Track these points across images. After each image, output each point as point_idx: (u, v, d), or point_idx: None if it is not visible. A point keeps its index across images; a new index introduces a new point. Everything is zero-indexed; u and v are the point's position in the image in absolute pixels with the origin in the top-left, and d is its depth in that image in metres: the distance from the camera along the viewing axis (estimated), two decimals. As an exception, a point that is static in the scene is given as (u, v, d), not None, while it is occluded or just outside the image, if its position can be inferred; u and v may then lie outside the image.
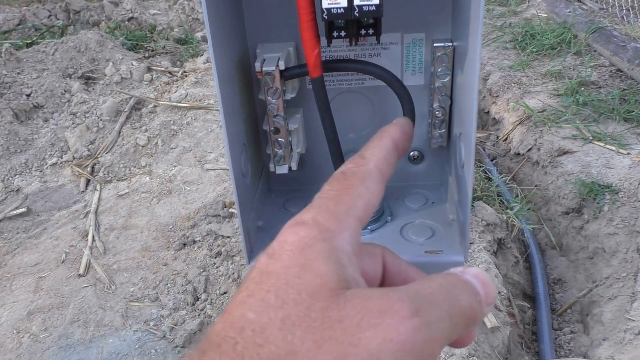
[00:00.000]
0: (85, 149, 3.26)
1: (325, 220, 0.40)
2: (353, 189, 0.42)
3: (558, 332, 2.34)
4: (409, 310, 0.36)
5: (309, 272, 0.37)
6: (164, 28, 4.99)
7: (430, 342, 0.36)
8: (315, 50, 0.56)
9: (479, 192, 2.66)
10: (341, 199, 0.42)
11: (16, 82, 3.68)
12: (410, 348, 0.35)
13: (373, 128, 0.71)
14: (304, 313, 0.35)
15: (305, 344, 0.34)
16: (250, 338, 0.35)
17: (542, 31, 4.23)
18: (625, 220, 2.38)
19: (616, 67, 3.59)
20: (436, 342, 0.36)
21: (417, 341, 0.35)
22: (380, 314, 0.35)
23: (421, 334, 0.35)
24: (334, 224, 0.40)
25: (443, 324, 0.37)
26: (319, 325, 0.35)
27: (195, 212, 2.70)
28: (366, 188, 0.43)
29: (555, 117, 3.11)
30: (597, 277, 2.38)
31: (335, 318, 0.35)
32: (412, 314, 0.36)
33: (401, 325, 0.35)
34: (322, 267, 0.37)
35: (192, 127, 3.34)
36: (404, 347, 0.34)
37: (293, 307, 0.36)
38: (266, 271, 0.38)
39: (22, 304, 2.33)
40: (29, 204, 2.97)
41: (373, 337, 0.35)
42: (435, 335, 0.36)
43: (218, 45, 0.53)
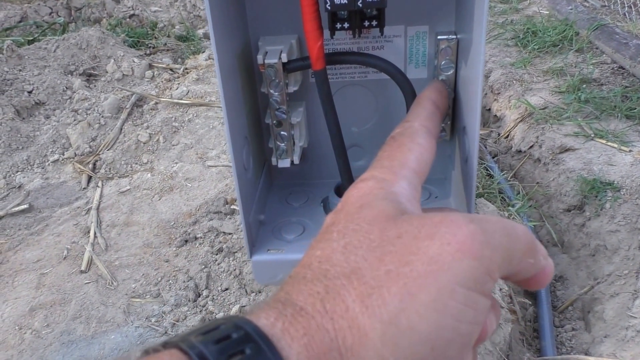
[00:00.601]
0: (87, 146, 3.26)
1: (382, 174, 0.43)
2: (404, 146, 0.45)
3: (559, 329, 2.34)
4: (465, 220, 0.37)
5: (367, 208, 0.40)
6: (166, 25, 4.98)
7: (488, 247, 0.37)
8: (318, 42, 0.56)
9: (481, 189, 2.65)
10: (394, 156, 0.44)
11: (18, 79, 3.68)
12: (469, 248, 0.36)
13: (376, 122, 0.70)
14: (364, 237, 0.38)
15: (368, 260, 0.36)
16: (317, 267, 0.38)
17: (543, 28, 4.22)
18: (627, 218, 2.38)
19: (618, 64, 3.58)
20: (495, 251, 0.37)
21: (475, 243, 0.36)
22: (436, 224, 0.37)
23: (478, 237, 0.36)
24: (390, 175, 0.42)
25: (499, 237, 0.38)
26: (379, 244, 0.37)
27: (197, 208, 2.70)
28: (416, 144, 0.45)
29: (557, 115, 3.10)
30: (598, 275, 2.38)
31: (393, 235, 0.37)
32: (468, 222, 0.37)
33: (458, 230, 0.37)
34: (380, 203, 0.40)
35: (194, 124, 3.34)
36: (462, 247, 0.36)
37: (353, 235, 0.38)
38: (331, 222, 0.41)
39: (24, 300, 2.33)
40: (30, 201, 2.97)
41: (431, 244, 0.36)
42: (493, 242, 0.37)
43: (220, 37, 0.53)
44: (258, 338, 0.34)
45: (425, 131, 0.46)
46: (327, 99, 0.60)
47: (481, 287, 0.36)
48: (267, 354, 0.33)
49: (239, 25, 0.62)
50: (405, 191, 0.42)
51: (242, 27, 0.64)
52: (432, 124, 0.48)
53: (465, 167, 0.58)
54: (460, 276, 0.35)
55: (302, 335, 0.35)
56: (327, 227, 0.40)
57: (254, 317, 0.36)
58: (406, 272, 0.35)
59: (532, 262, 0.41)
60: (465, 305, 0.35)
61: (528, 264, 0.41)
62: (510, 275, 0.41)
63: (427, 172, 0.45)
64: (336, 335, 0.35)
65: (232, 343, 0.34)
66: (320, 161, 0.73)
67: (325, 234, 0.40)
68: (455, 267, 0.35)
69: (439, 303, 0.35)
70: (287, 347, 0.34)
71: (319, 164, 0.73)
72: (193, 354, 0.33)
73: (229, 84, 0.56)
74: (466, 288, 0.35)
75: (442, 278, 0.35)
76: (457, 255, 0.35)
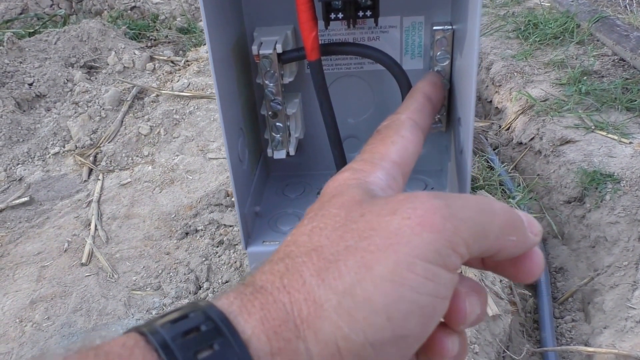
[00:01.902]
0: (88, 138, 3.26)
1: (359, 165, 0.43)
2: (387, 139, 0.45)
3: (559, 321, 2.35)
4: (429, 196, 0.37)
5: (339, 196, 0.40)
6: (167, 17, 4.97)
7: (452, 220, 0.36)
8: (313, 32, 0.56)
9: (481, 181, 2.66)
10: (375, 149, 0.44)
11: (18, 72, 3.68)
12: (429, 222, 0.36)
13: (372, 113, 0.70)
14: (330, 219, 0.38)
15: (330, 238, 0.37)
16: (282, 250, 0.38)
17: (545, 20, 4.21)
18: (627, 209, 2.38)
19: (619, 56, 3.58)
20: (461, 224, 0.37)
21: (436, 217, 0.36)
22: (400, 201, 0.37)
23: (440, 211, 0.36)
24: (368, 167, 0.43)
25: (469, 211, 0.38)
26: (342, 224, 0.38)
27: (198, 201, 2.70)
28: (400, 136, 0.45)
29: (558, 107, 3.10)
30: (598, 266, 2.38)
31: (357, 215, 0.38)
32: (432, 197, 0.37)
33: (420, 205, 0.37)
34: (351, 191, 0.40)
35: (195, 116, 3.34)
36: (422, 221, 0.36)
37: (321, 219, 0.39)
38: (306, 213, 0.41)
39: (25, 292, 2.34)
40: (31, 193, 2.98)
41: (392, 219, 0.37)
42: (460, 216, 0.37)
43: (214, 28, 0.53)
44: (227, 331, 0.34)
45: (412, 124, 0.46)
46: (322, 90, 0.59)
47: (443, 261, 0.36)
48: (235, 350, 0.33)
49: (234, 16, 0.62)
50: (381, 181, 0.42)
51: (238, 18, 0.63)
52: (421, 116, 0.48)
53: (460, 157, 0.58)
54: (420, 249, 0.35)
55: (259, 310, 0.35)
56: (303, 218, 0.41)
57: (218, 302, 0.37)
58: (364, 246, 0.36)
59: (515, 239, 0.41)
60: (424, 277, 0.35)
61: (509, 242, 0.41)
62: (489, 252, 0.41)
63: (411, 163, 0.45)
64: (292, 307, 0.35)
65: (200, 337, 0.34)
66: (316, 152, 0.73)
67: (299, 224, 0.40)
68: (414, 240, 0.35)
69: (397, 275, 0.35)
70: (243, 322, 0.35)
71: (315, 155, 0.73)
72: (154, 340, 0.34)
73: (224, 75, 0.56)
74: (426, 261, 0.35)
75: (401, 251, 0.35)
76: (417, 228, 0.36)
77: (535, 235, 0.43)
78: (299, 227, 0.39)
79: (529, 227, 0.43)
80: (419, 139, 0.46)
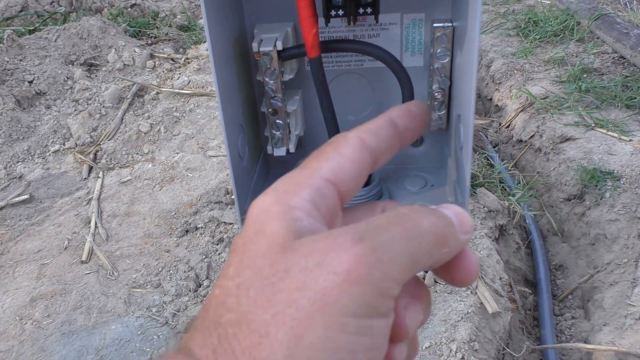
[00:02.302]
0: (88, 136, 3.27)
1: (284, 185, 0.40)
2: (322, 155, 0.42)
3: (559, 318, 2.35)
4: (352, 240, 0.35)
5: (261, 235, 0.37)
6: (167, 15, 4.97)
7: (380, 266, 0.34)
8: (313, 29, 0.56)
9: (481, 178, 2.66)
10: (307, 165, 0.41)
11: (18, 69, 3.68)
12: (355, 275, 0.34)
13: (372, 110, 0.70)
14: (256, 274, 0.36)
15: (258, 302, 0.35)
16: (213, 312, 0.36)
17: (545, 18, 4.21)
18: (626, 207, 2.39)
19: (619, 54, 3.58)
20: (390, 265, 0.35)
21: (363, 267, 0.34)
22: (323, 252, 0.35)
23: (365, 260, 0.34)
24: (292, 186, 0.40)
25: (398, 246, 0.36)
26: (269, 282, 0.35)
27: (198, 198, 2.70)
28: (338, 153, 0.42)
29: (558, 104, 3.10)
30: (598, 263, 2.38)
31: (282, 269, 0.35)
32: (355, 242, 0.35)
33: (344, 255, 0.34)
34: (273, 226, 0.37)
35: (195, 114, 3.34)
36: (349, 276, 0.34)
37: (246, 272, 0.36)
38: (233, 249, 0.39)
39: (25, 290, 2.34)
40: (31, 191, 2.98)
41: (318, 276, 0.34)
42: (387, 257, 0.35)
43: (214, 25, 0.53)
44: None
45: (357, 142, 0.43)
46: (323, 87, 0.59)
47: (375, 311, 0.35)
48: None
49: (234, 13, 0.62)
50: (306, 203, 0.39)
51: (238, 15, 0.63)
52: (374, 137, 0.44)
53: (460, 154, 0.58)
54: (350, 307, 0.34)
55: None
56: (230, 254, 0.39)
57: None
58: (292, 313, 0.34)
59: (447, 250, 0.39)
60: (358, 335, 0.34)
61: (442, 255, 0.39)
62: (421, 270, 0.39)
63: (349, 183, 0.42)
64: None
65: None
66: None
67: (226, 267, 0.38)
68: (342, 298, 0.34)
69: (330, 341, 0.33)
70: None
71: None
72: None
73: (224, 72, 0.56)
74: (357, 317, 0.34)
75: (330, 313, 0.33)
76: (344, 285, 0.34)
77: (466, 234, 0.41)
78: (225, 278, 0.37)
79: (460, 228, 0.41)
80: (363, 159, 0.43)
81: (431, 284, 1.97)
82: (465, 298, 1.92)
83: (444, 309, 1.89)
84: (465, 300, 1.91)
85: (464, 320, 1.84)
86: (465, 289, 1.95)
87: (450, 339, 1.79)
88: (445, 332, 1.82)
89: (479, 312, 1.89)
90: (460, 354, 1.75)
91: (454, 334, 1.80)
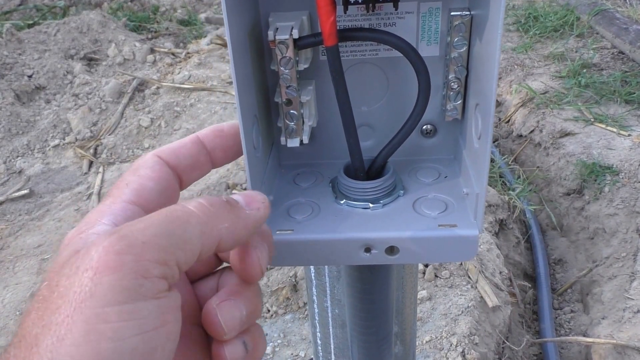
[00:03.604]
0: (88, 131, 3.27)
1: (87, 217, 0.41)
2: (122, 182, 0.44)
3: (558, 312, 2.36)
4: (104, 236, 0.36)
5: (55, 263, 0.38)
6: (167, 9, 4.97)
7: (130, 250, 0.35)
8: (331, 17, 0.56)
9: (481, 173, 2.66)
10: (110, 194, 0.43)
11: (17, 63, 3.68)
12: (103, 265, 0.34)
13: (386, 101, 0.70)
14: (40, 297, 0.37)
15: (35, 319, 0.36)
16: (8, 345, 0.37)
17: (545, 13, 4.21)
18: (625, 201, 2.40)
19: (618, 49, 3.58)
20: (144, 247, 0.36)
21: (109, 256, 0.35)
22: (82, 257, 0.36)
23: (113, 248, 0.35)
24: (95, 216, 0.41)
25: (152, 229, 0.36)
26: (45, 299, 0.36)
27: (198, 193, 2.70)
28: (137, 176, 0.44)
29: (558, 99, 3.11)
30: (597, 257, 2.39)
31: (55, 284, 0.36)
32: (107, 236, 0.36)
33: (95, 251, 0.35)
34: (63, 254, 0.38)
35: (196, 108, 3.34)
36: (98, 267, 0.35)
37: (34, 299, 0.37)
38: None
39: (25, 285, 2.34)
40: (31, 186, 2.98)
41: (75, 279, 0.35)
42: (139, 241, 0.36)
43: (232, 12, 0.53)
44: None
45: (155, 160, 0.45)
46: (339, 76, 0.59)
47: (136, 294, 0.35)
48: None
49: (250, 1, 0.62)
50: (103, 227, 0.40)
51: (253, 3, 0.63)
52: (171, 154, 0.46)
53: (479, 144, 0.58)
54: (107, 296, 0.34)
55: None
56: None
57: None
58: (55, 319, 0.34)
59: (227, 225, 0.40)
60: (122, 321, 0.34)
61: (222, 230, 0.40)
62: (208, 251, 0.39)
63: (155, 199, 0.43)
64: None
65: None
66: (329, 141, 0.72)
67: None
68: (97, 291, 0.34)
69: (91, 334, 0.33)
70: None
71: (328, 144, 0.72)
72: None
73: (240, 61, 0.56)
74: (117, 304, 0.34)
75: (88, 307, 0.33)
76: (95, 278, 0.34)
77: (257, 210, 0.42)
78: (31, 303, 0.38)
79: (247, 205, 0.42)
80: (162, 175, 0.44)
81: (431, 278, 1.98)
82: (466, 292, 1.93)
83: (444, 303, 1.90)
84: (466, 295, 1.92)
85: (464, 314, 1.85)
86: (465, 283, 1.96)
87: (451, 332, 1.80)
88: (445, 326, 1.83)
89: (479, 306, 1.90)
90: (461, 347, 1.76)
91: (455, 328, 1.81)
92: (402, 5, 0.64)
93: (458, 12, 0.61)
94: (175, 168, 0.45)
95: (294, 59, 0.60)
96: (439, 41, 0.66)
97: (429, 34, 0.66)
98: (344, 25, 0.65)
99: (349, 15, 0.65)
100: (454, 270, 2.01)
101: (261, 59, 0.65)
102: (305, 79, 0.67)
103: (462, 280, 1.98)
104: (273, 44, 0.60)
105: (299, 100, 0.63)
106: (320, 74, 0.68)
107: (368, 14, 0.64)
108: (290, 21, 0.61)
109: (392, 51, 0.63)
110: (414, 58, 0.61)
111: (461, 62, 0.62)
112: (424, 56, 0.62)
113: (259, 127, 0.62)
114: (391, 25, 0.65)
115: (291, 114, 0.64)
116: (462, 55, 0.62)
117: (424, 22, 0.65)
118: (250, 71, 0.60)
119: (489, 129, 0.54)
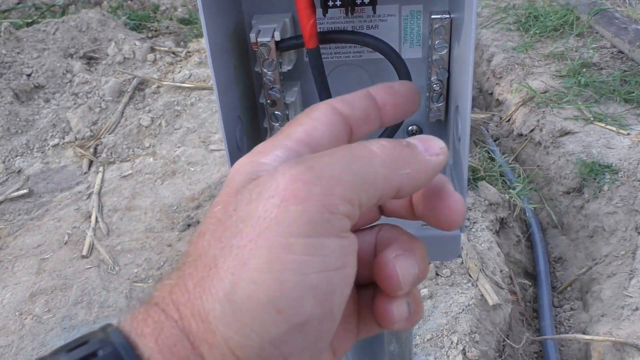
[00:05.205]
0: (88, 130, 3.26)
1: (259, 147, 0.40)
2: (295, 121, 0.42)
3: (558, 309, 2.37)
4: (290, 164, 0.35)
5: (226, 187, 0.38)
6: (168, 8, 4.96)
7: (318, 182, 0.34)
8: (311, 20, 0.56)
9: (482, 172, 2.67)
10: (281, 132, 0.42)
11: (16, 62, 3.67)
12: (291, 194, 0.34)
13: None
14: (210, 220, 0.37)
15: (211, 241, 0.35)
16: (178, 262, 0.37)
17: (545, 13, 4.22)
18: (624, 200, 2.40)
19: (617, 48, 3.59)
20: (331, 182, 0.35)
21: (298, 185, 0.34)
22: (265, 182, 0.35)
23: (301, 177, 0.34)
24: (267, 147, 0.40)
25: (339, 165, 0.35)
26: (221, 222, 0.36)
27: (200, 192, 2.71)
28: (310, 118, 0.42)
29: (558, 98, 3.11)
30: (596, 255, 2.40)
31: (232, 208, 0.36)
32: (293, 165, 0.35)
33: (281, 178, 0.34)
34: (236, 178, 0.38)
35: (196, 107, 3.34)
36: (285, 195, 0.34)
37: (205, 221, 0.37)
38: None
39: (25, 285, 2.34)
40: (30, 186, 2.98)
41: (258, 204, 0.34)
42: (327, 174, 0.35)
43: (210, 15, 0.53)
44: (125, 354, 0.33)
45: (328, 108, 0.43)
46: (321, 77, 0.60)
47: (323, 229, 0.34)
48: None
49: (231, 4, 0.62)
50: (278, 158, 0.39)
51: (236, 6, 0.64)
52: (346, 105, 0.44)
53: (458, 145, 0.59)
54: (293, 226, 0.33)
55: (152, 329, 0.34)
56: None
57: (124, 322, 0.36)
58: (237, 242, 0.34)
59: (409, 171, 0.38)
60: (306, 255, 0.33)
61: (404, 176, 0.38)
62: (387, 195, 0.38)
63: (326, 143, 0.41)
64: (183, 324, 0.34)
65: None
66: None
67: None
68: (282, 219, 0.33)
69: (275, 263, 0.33)
70: (142, 345, 0.34)
71: None
72: None
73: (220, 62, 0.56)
74: (302, 236, 0.33)
75: (272, 235, 0.33)
76: (282, 205, 0.33)
77: (437, 155, 0.40)
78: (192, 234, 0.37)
79: (426, 151, 0.40)
80: (335, 123, 0.42)
81: (432, 277, 1.98)
82: (466, 290, 1.93)
83: (445, 301, 1.90)
84: (466, 293, 1.92)
85: (464, 312, 1.85)
86: (466, 281, 1.96)
87: (452, 330, 1.81)
88: (446, 324, 1.83)
89: (479, 304, 1.91)
90: (461, 345, 1.76)
91: (455, 326, 1.82)
92: (383, 9, 0.65)
93: (438, 15, 0.61)
94: (348, 118, 0.44)
95: (276, 61, 0.61)
96: (422, 44, 0.67)
97: (412, 37, 0.66)
98: (326, 28, 0.65)
99: (332, 17, 0.65)
100: (454, 268, 2.02)
101: (246, 61, 0.65)
102: (290, 80, 0.67)
103: (462, 279, 1.98)
104: (255, 46, 0.60)
105: (284, 102, 0.63)
106: (305, 76, 0.68)
107: (351, 17, 0.65)
108: (273, 23, 0.62)
109: (375, 53, 0.64)
110: (394, 59, 0.61)
111: (442, 64, 0.63)
112: (407, 58, 0.63)
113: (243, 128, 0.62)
114: (374, 28, 0.66)
115: (276, 114, 0.64)
116: (443, 57, 0.63)
117: (406, 25, 0.66)
118: (233, 72, 0.60)
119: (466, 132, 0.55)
